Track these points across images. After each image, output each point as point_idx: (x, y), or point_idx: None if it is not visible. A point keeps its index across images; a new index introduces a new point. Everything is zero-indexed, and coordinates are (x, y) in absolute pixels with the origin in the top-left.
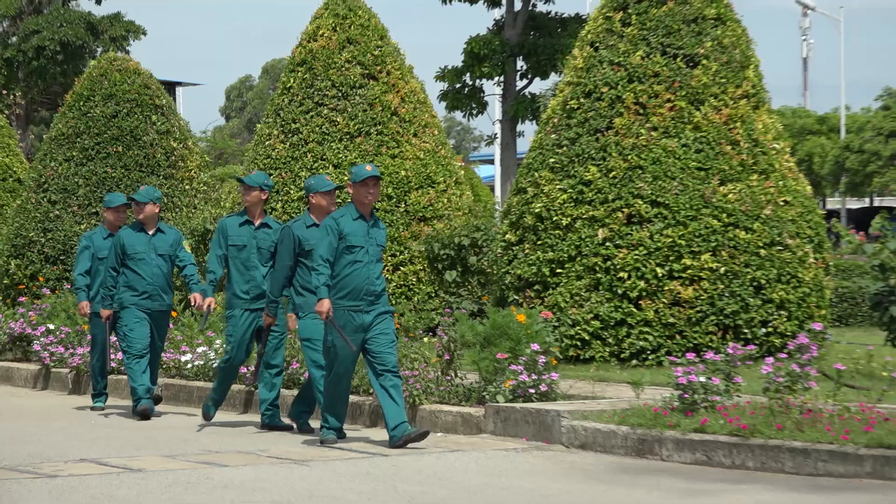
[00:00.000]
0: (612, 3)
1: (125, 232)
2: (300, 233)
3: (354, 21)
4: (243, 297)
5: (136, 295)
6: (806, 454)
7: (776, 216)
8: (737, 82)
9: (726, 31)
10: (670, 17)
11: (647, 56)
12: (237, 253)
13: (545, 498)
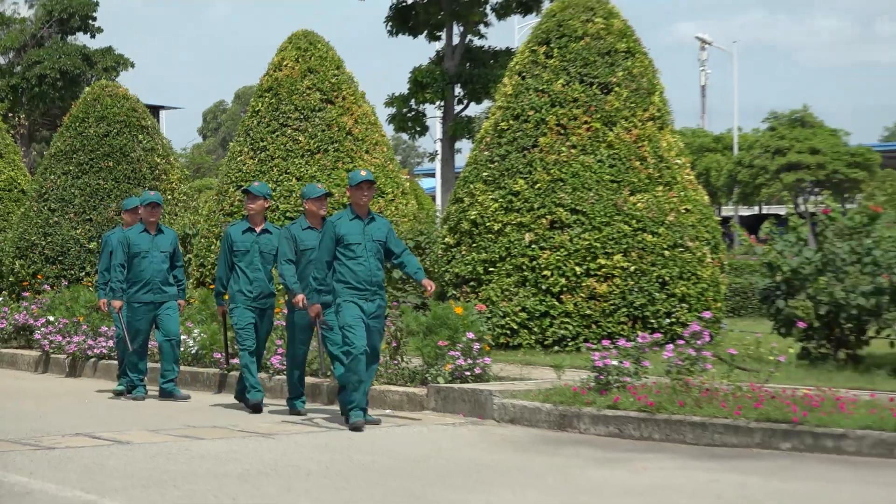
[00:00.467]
0: (537, 38)
1: (131, 232)
2: (297, 233)
3: (314, 53)
4: (247, 294)
5: (140, 288)
6: (704, 427)
7: (678, 222)
8: (644, 106)
9: (635, 63)
10: (587, 51)
11: (567, 84)
12: (242, 257)
13: (480, 466)
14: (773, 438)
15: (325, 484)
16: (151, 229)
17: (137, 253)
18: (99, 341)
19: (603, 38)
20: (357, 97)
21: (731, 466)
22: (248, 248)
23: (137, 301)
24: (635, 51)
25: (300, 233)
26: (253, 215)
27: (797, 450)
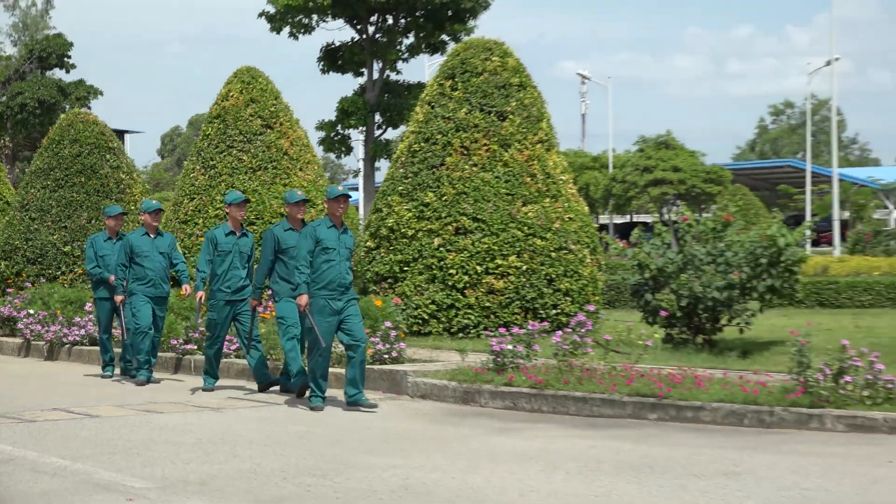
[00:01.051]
0: (444, 73)
1: (133, 236)
2: (279, 234)
3: (256, 86)
4: (225, 290)
5: (142, 284)
6: (585, 401)
7: (563, 229)
8: (534, 131)
9: (526, 94)
10: (486, 84)
11: (469, 112)
12: (224, 257)
13: (397, 435)
14: (643, 410)
15: (265, 450)
16: (152, 233)
17: (139, 254)
18: (73, 330)
19: (499, 73)
20: (292, 123)
21: (608, 434)
22: (230, 249)
23: (142, 294)
24: (526, 84)
25: (282, 234)
26: (240, 220)
27: (662, 420)
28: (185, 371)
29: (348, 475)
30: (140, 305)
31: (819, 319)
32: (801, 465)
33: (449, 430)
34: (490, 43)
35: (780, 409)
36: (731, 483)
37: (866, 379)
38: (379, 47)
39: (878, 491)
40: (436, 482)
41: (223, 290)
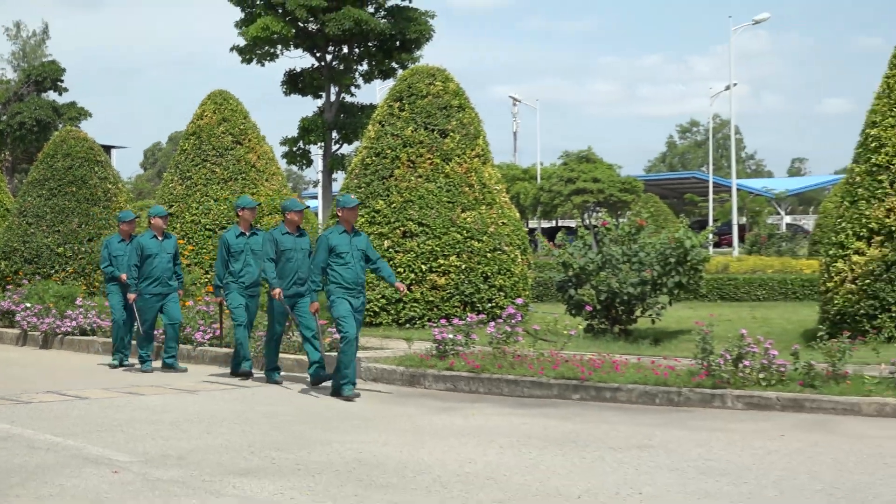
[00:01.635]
0: (393, 96)
1: (143, 238)
2: (278, 237)
3: (228, 107)
4: (240, 283)
5: (151, 283)
6: (516, 383)
7: (497, 232)
8: (472, 147)
9: (465, 114)
10: (430, 105)
11: (415, 130)
12: (238, 256)
13: (352, 414)
14: (567, 391)
15: (235, 428)
16: (160, 235)
17: (150, 255)
18: (65, 322)
19: (441, 96)
20: (259, 139)
21: (537, 413)
22: (241, 248)
23: (149, 293)
24: (465, 106)
25: (280, 237)
26: (250, 222)
27: (584, 400)
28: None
29: (309, 449)
30: (148, 306)
31: (720, 311)
32: (705, 439)
33: (397, 409)
34: (433, 69)
35: (687, 390)
36: (645, 455)
37: (762, 363)
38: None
39: (772, 461)
40: (386, 455)
41: (239, 284)
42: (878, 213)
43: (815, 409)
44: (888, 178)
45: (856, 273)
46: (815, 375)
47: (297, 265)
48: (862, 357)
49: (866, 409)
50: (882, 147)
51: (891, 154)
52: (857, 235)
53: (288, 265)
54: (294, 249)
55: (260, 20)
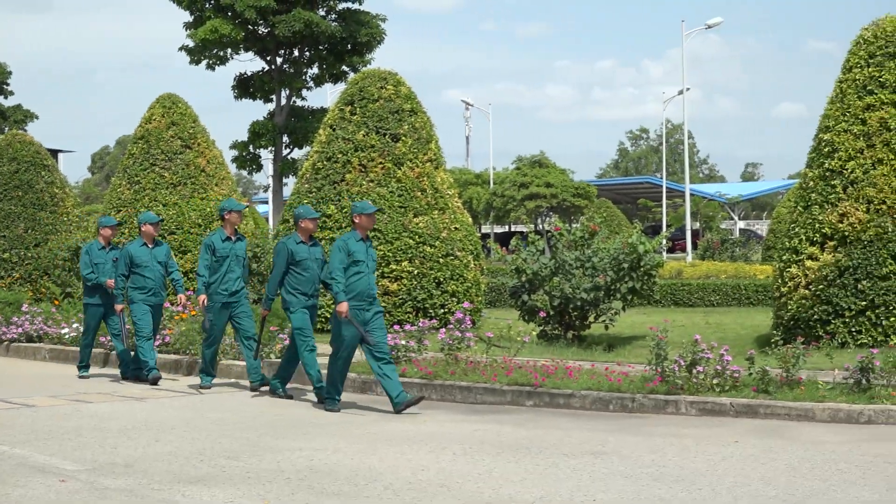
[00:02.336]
0: (344, 100)
1: (132, 247)
2: (292, 247)
3: (177, 110)
4: (222, 293)
5: (143, 293)
6: (469, 390)
7: (450, 237)
8: (424, 151)
9: (417, 119)
10: (381, 109)
11: (366, 134)
12: (222, 261)
13: (304, 421)
14: (520, 397)
15: (184, 435)
16: (150, 243)
17: (139, 264)
18: (11, 329)
19: (393, 100)
20: (209, 143)
21: (491, 419)
22: (227, 254)
23: (143, 302)
24: (417, 110)
25: (294, 246)
26: (236, 227)
27: (538, 406)
28: (113, 365)
29: (259, 457)
30: (141, 314)
31: (674, 317)
32: (659, 446)
33: (349, 416)
34: (385, 73)
35: (641, 396)
36: (598, 461)
37: (716, 369)
38: (286, 77)
39: (726, 467)
40: (337, 462)
41: (220, 293)
42: (831, 218)
43: (769, 415)
44: (841, 183)
45: (809, 278)
46: (769, 381)
47: (314, 276)
48: (816, 363)
49: (820, 415)
50: (835, 152)
51: (844, 159)
52: (810, 241)
53: (305, 274)
54: (309, 259)
55: (209, 23)
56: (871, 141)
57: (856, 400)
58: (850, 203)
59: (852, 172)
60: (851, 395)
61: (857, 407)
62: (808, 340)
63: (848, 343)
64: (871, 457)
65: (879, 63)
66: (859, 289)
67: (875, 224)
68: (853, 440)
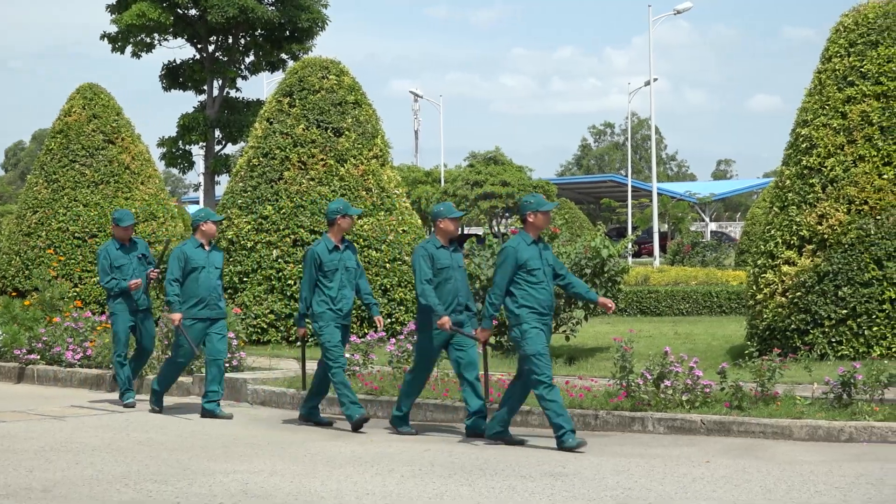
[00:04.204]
0: (282, 91)
1: (187, 247)
2: (433, 251)
3: (98, 102)
4: (197, 307)
5: (194, 305)
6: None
7: (397, 241)
8: (369, 147)
9: (362, 112)
10: (323, 102)
11: (306, 128)
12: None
13: (237, 440)
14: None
15: (107, 457)
16: (207, 245)
17: (195, 268)
18: None
19: (336, 91)
20: (134, 138)
21: (441, 438)
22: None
23: (193, 318)
24: (362, 102)
25: (435, 251)
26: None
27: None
28: (28, 381)
29: (189, 480)
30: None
31: (640, 327)
32: (624, 466)
33: (287, 435)
34: (327, 62)
35: (605, 413)
36: (558, 483)
37: (685, 383)
38: (219, 65)
39: (697, 489)
40: (274, 486)
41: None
42: (809, 219)
43: (742, 433)
44: (820, 182)
45: (786, 285)
46: (743, 396)
47: (457, 286)
48: (793, 376)
49: (798, 433)
50: (813, 148)
51: (823, 155)
52: (787, 244)
53: (447, 286)
54: (451, 267)
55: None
56: (851, 136)
57: (836, 416)
58: (829, 203)
59: (832, 170)
60: (831, 410)
61: (837, 424)
62: (784, 352)
63: (828, 355)
64: (853, 478)
65: (861, 52)
66: (840, 296)
67: (856, 226)
68: (833, 459)
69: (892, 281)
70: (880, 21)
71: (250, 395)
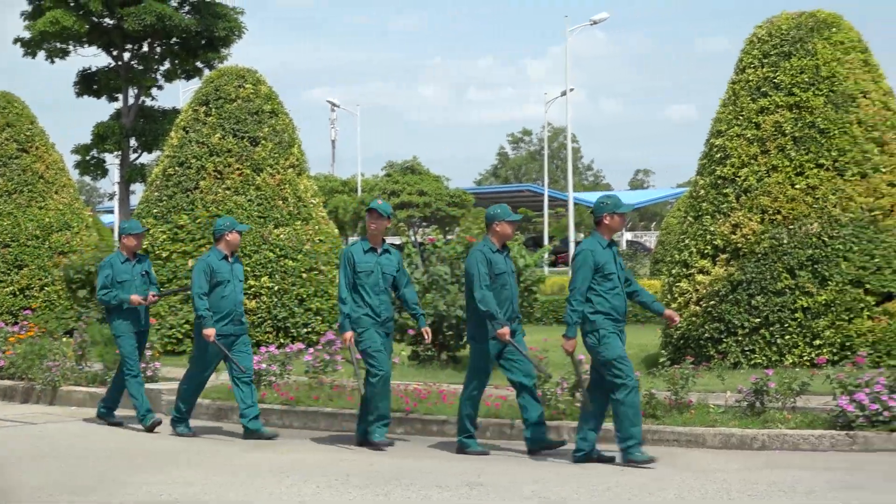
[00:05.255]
0: (198, 99)
1: (211, 258)
2: (490, 255)
3: (12, 111)
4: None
5: (218, 319)
6: (334, 417)
7: (314, 250)
8: (286, 156)
9: (278, 121)
10: (239, 111)
11: (223, 137)
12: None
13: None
14: (391, 424)
15: (26, 469)
16: (230, 256)
17: (220, 282)
18: None
19: (252, 100)
20: (48, 147)
21: (358, 448)
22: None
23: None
24: (278, 111)
25: (492, 255)
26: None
27: (409, 433)
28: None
29: (109, 491)
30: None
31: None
32: (540, 475)
33: (206, 445)
34: (243, 71)
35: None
36: (475, 493)
37: None
38: (135, 73)
39: (611, 497)
40: (193, 496)
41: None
42: (723, 229)
43: (657, 441)
44: (734, 192)
45: (700, 294)
46: (657, 404)
47: (512, 292)
48: (706, 384)
49: (711, 441)
50: (727, 158)
51: (737, 165)
52: (701, 253)
53: (504, 292)
54: (507, 272)
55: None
56: (765, 146)
57: (749, 424)
58: (743, 213)
59: (745, 180)
60: (745, 419)
61: (750, 432)
62: (698, 360)
63: (741, 363)
64: (766, 485)
65: (774, 63)
66: (753, 305)
67: (770, 235)
68: (747, 467)
69: (804, 290)
70: (793, 32)
71: (165, 405)
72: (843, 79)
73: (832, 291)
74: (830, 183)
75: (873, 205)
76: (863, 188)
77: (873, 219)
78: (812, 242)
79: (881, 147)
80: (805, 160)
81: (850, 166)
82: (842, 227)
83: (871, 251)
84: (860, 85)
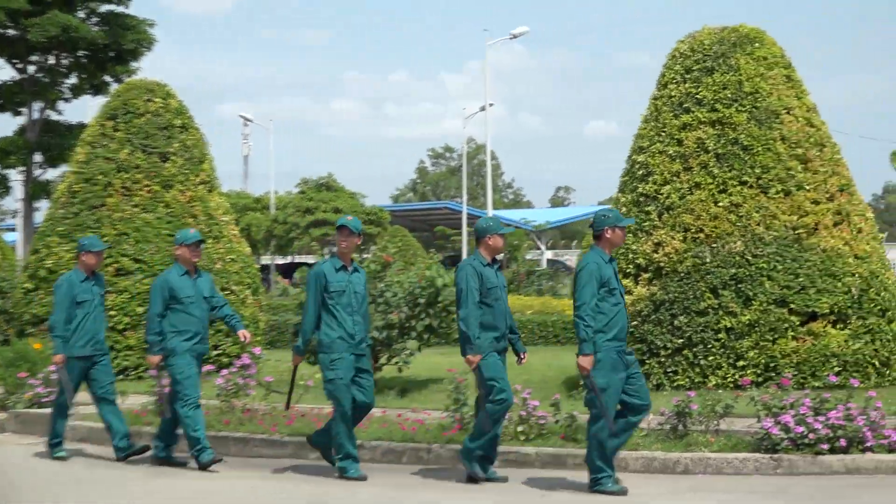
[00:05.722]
0: (106, 114)
1: (171, 276)
2: (480, 269)
3: None
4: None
5: (188, 339)
6: (245, 441)
7: (225, 270)
8: (196, 172)
9: (189, 136)
10: (148, 125)
11: (131, 153)
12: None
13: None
14: (303, 450)
15: None
16: (193, 272)
17: (182, 299)
18: None
19: (162, 114)
20: None
21: (269, 475)
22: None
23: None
24: (189, 126)
25: (482, 269)
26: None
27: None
28: None
29: None
30: (185, 367)
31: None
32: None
33: (108, 473)
34: (152, 84)
35: (438, 447)
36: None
37: (520, 415)
38: (40, 87)
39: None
40: None
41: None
42: (645, 247)
43: (578, 466)
44: (656, 210)
45: None
46: (578, 428)
47: (504, 308)
48: None
49: (633, 465)
50: (650, 175)
51: (659, 183)
52: (623, 272)
53: (497, 306)
54: (499, 287)
55: None
56: (687, 163)
57: (671, 447)
58: (665, 231)
59: (668, 197)
60: (667, 442)
61: (672, 455)
62: None
63: (664, 385)
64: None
65: (696, 79)
66: (676, 325)
67: (693, 254)
68: (670, 492)
69: (727, 310)
70: (716, 48)
71: (70, 431)
72: (767, 95)
73: (756, 311)
74: (754, 200)
75: (797, 223)
76: (787, 206)
77: (797, 237)
78: (735, 261)
79: (805, 164)
80: (728, 177)
81: (773, 184)
82: (766, 246)
83: (796, 270)
84: (783, 101)
